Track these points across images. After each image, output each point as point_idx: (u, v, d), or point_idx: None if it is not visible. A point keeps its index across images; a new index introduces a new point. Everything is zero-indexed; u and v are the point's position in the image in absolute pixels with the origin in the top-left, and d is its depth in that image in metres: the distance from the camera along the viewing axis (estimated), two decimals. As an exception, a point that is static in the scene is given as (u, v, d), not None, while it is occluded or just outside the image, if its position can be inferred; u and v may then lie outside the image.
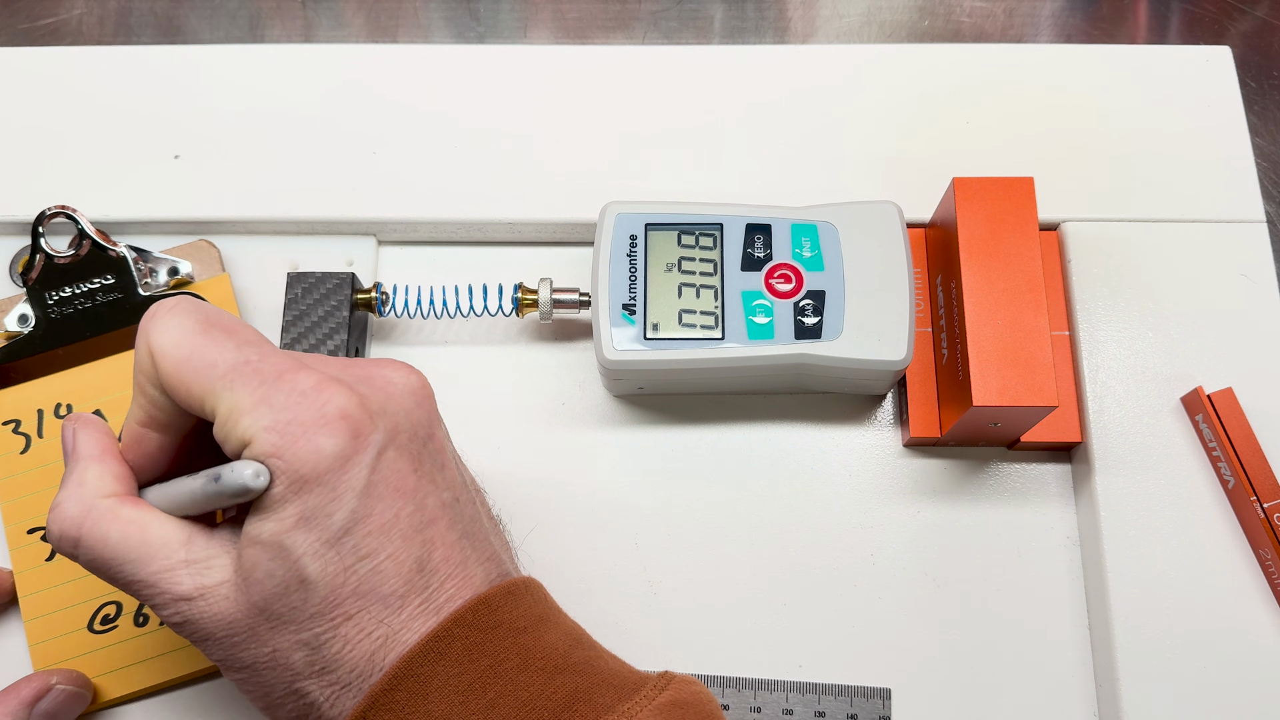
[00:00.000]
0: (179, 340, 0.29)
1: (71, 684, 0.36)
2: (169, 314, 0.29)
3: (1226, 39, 0.53)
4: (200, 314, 0.29)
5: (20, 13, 0.54)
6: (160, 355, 0.29)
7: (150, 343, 0.29)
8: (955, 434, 0.40)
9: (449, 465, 0.31)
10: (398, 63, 0.47)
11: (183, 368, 0.28)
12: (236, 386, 0.28)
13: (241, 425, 0.27)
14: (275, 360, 0.28)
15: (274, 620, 0.28)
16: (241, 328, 0.30)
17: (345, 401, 0.28)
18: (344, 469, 0.27)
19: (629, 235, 0.40)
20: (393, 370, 0.30)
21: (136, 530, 0.29)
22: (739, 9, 0.54)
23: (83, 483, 0.30)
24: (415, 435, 0.29)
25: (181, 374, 0.28)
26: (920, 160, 0.45)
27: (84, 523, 0.29)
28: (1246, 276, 0.43)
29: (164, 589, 0.29)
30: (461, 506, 0.30)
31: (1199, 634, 0.38)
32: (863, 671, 0.39)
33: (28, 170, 0.45)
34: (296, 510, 0.27)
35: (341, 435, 0.27)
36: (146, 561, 0.29)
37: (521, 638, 0.28)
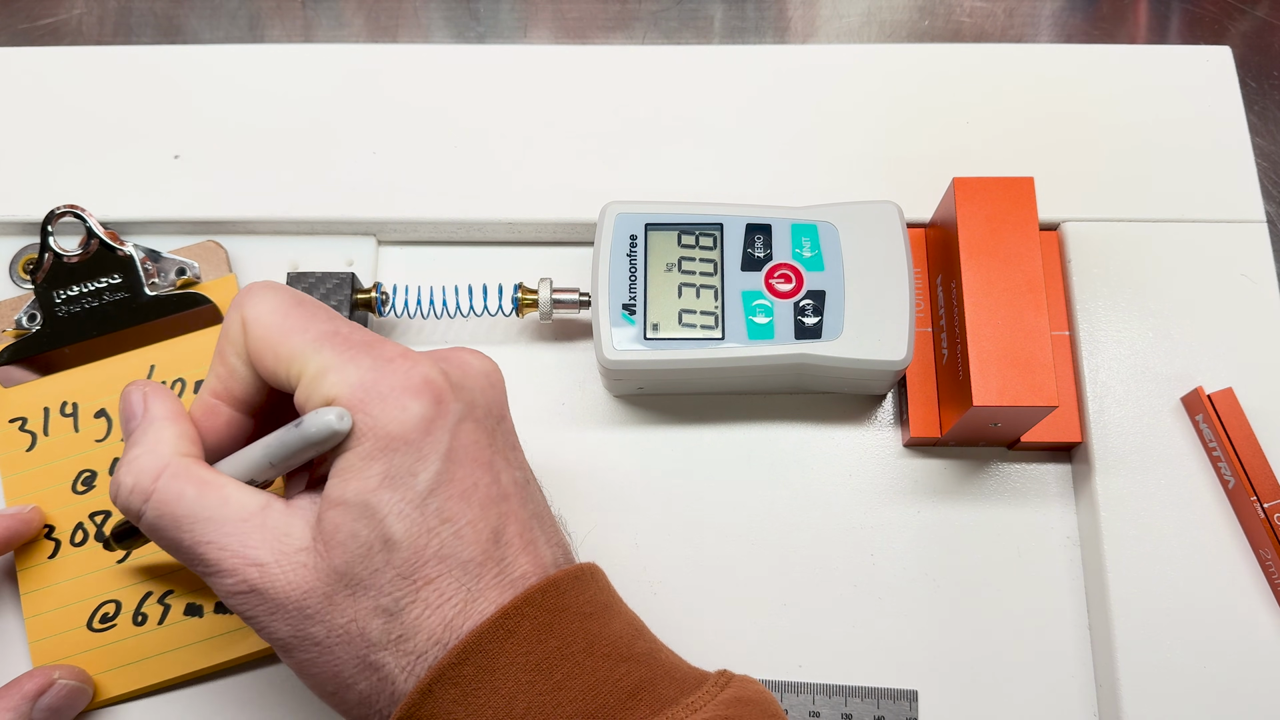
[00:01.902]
0: (273, 309, 0.29)
1: (73, 679, 0.37)
2: (264, 289, 0.30)
3: (1227, 39, 0.53)
4: (293, 291, 0.30)
5: (19, 13, 0.54)
6: (253, 322, 0.29)
7: (244, 311, 0.30)
8: (955, 434, 0.40)
9: (520, 449, 0.31)
10: (398, 63, 0.47)
11: (274, 333, 0.29)
12: (325, 349, 0.28)
13: (328, 382, 0.28)
14: (362, 333, 0.29)
15: (354, 585, 0.27)
16: (328, 308, 0.30)
17: (429, 370, 0.28)
18: (428, 431, 0.28)
19: (629, 235, 0.40)
20: (468, 354, 0.31)
21: (214, 490, 0.29)
22: (739, 9, 0.54)
23: (160, 440, 0.30)
24: (490, 413, 0.30)
25: (272, 339, 0.29)
26: (920, 160, 0.45)
27: (160, 476, 0.29)
28: (1247, 276, 0.43)
29: (237, 552, 0.28)
30: (532, 489, 0.31)
31: (1199, 634, 0.38)
32: (863, 671, 0.39)
33: (26, 170, 0.45)
34: (382, 469, 0.27)
35: (426, 400, 0.28)
36: (221, 522, 0.28)
37: (588, 623, 0.28)
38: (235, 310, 0.30)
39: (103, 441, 0.41)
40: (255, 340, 0.29)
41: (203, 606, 0.39)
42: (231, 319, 0.30)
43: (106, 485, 0.40)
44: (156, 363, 0.42)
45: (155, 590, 0.39)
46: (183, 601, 0.39)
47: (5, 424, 0.41)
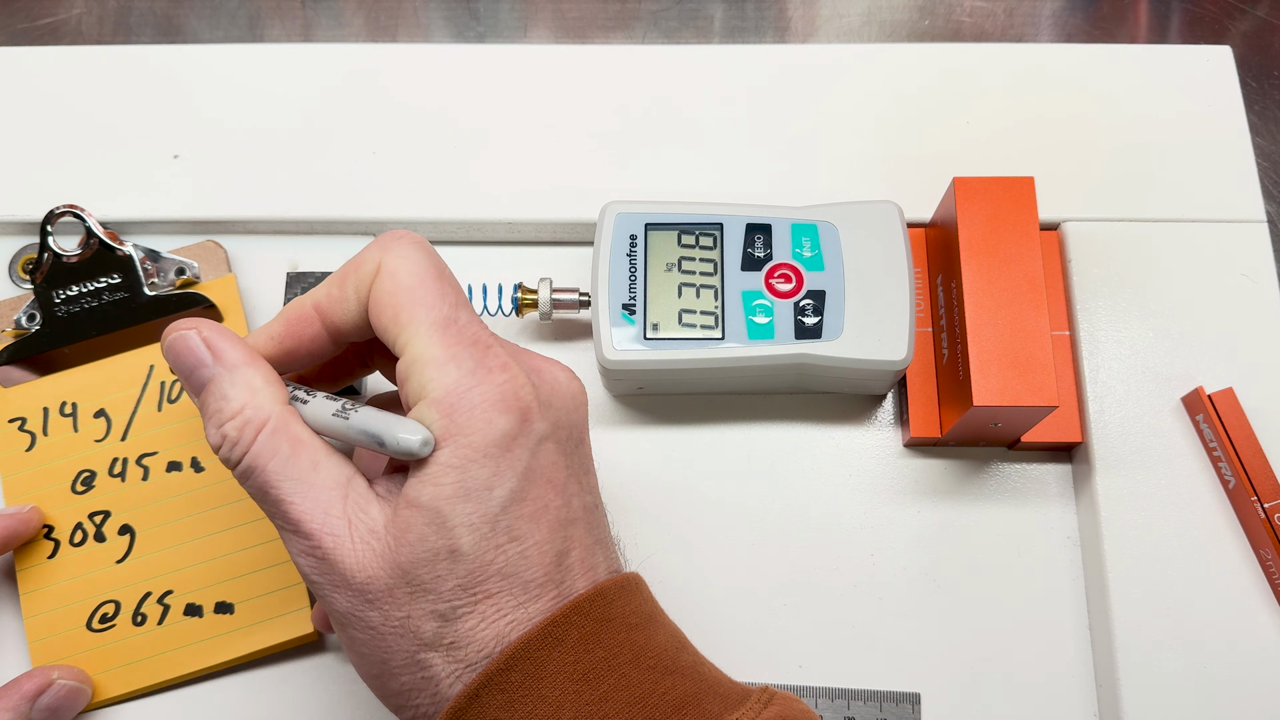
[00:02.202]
0: (414, 270, 0.29)
1: (72, 679, 0.36)
2: (411, 244, 0.30)
3: (1227, 39, 0.53)
4: (437, 260, 0.30)
5: (19, 12, 0.54)
6: (388, 274, 0.29)
7: (385, 258, 0.29)
8: (956, 434, 0.40)
9: (593, 472, 0.31)
10: (397, 62, 0.47)
11: (404, 295, 0.29)
12: (437, 335, 0.28)
13: (427, 374, 0.28)
14: (476, 330, 0.29)
15: (415, 585, 0.27)
16: (460, 289, 0.30)
17: (522, 385, 0.28)
18: (510, 448, 0.27)
19: (629, 235, 0.40)
20: (560, 370, 0.31)
21: (308, 452, 0.29)
22: (739, 8, 0.54)
23: (254, 389, 0.29)
24: (571, 435, 0.30)
25: (398, 300, 0.29)
26: (920, 160, 0.45)
27: (264, 427, 0.28)
28: (1247, 276, 0.43)
29: (317, 518, 0.28)
30: (599, 514, 0.30)
31: (1199, 634, 0.38)
32: (863, 672, 0.39)
33: (25, 170, 0.45)
34: (459, 478, 0.27)
35: (513, 415, 0.28)
36: (309, 485, 0.28)
37: (634, 634, 0.28)
38: (377, 250, 0.30)
39: (102, 441, 0.41)
40: (382, 293, 0.29)
41: (202, 607, 0.39)
42: (368, 257, 0.30)
43: (106, 485, 0.40)
44: (156, 362, 0.42)
45: (155, 590, 0.39)
46: (182, 601, 0.39)
47: (4, 424, 0.41)
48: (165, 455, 0.41)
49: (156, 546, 0.39)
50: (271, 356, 0.31)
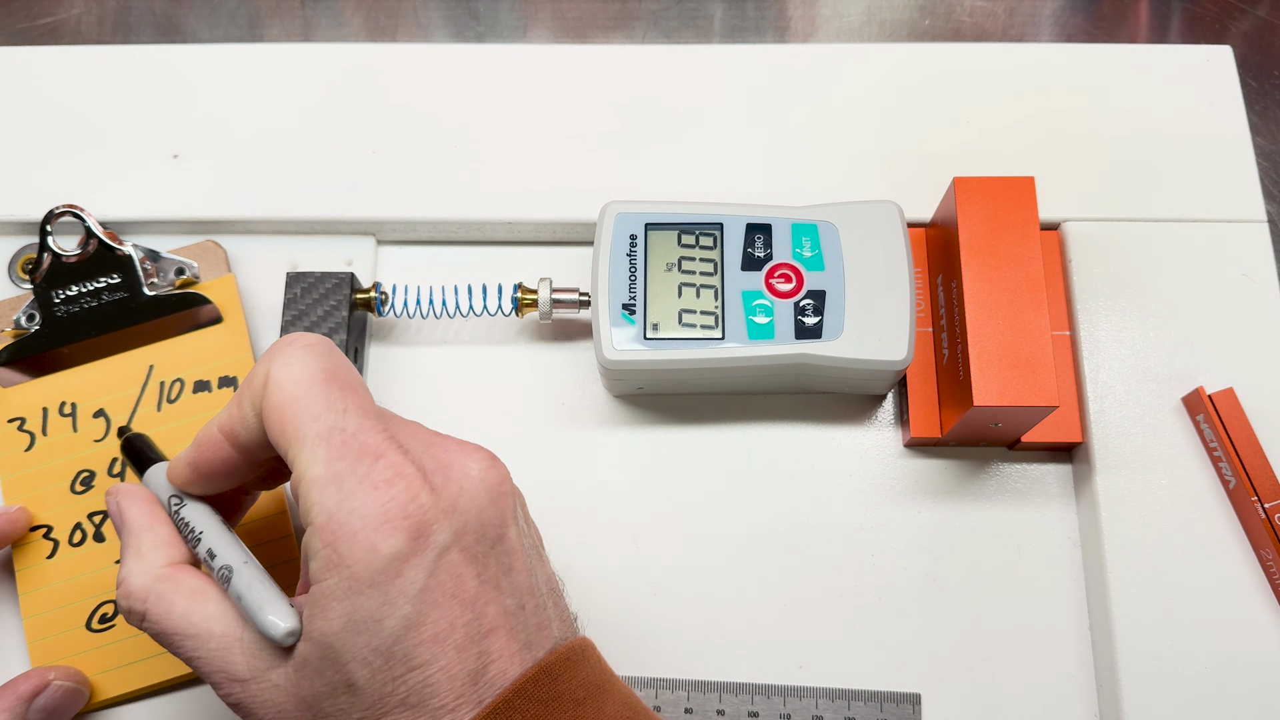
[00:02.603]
0: (298, 379, 0.28)
1: (69, 680, 0.36)
2: (300, 350, 0.29)
3: (1227, 38, 0.53)
4: (328, 362, 0.29)
5: (18, 12, 0.54)
6: (274, 385, 0.28)
7: (271, 369, 0.29)
8: (956, 434, 0.40)
9: (518, 568, 0.29)
10: (397, 62, 0.47)
11: (289, 407, 0.28)
12: (321, 451, 0.27)
13: (311, 496, 0.27)
14: (367, 437, 0.28)
15: (322, 718, 0.27)
16: (359, 390, 0.29)
17: (414, 497, 0.27)
18: (399, 572, 0.26)
19: (629, 235, 0.40)
20: (474, 461, 0.29)
21: (199, 605, 0.29)
22: (739, 8, 0.54)
23: (140, 553, 0.31)
24: (484, 536, 0.28)
25: (284, 411, 0.28)
26: (921, 160, 0.45)
27: (149, 595, 0.30)
28: (1247, 276, 0.43)
29: (220, 667, 0.28)
30: (527, 614, 0.28)
31: (1200, 634, 0.38)
32: (863, 673, 0.39)
33: (25, 169, 0.45)
34: (347, 611, 0.26)
35: (401, 535, 0.26)
36: (205, 638, 0.29)
37: (581, 710, 0.27)
38: (265, 361, 0.29)
39: (101, 441, 0.41)
40: (270, 405, 0.28)
41: (202, 607, 0.38)
42: (259, 369, 0.29)
43: (105, 485, 0.40)
44: (155, 363, 0.42)
45: (154, 591, 0.39)
46: (181, 602, 0.39)
47: (4, 424, 0.41)
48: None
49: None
50: (191, 482, 0.31)
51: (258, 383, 0.29)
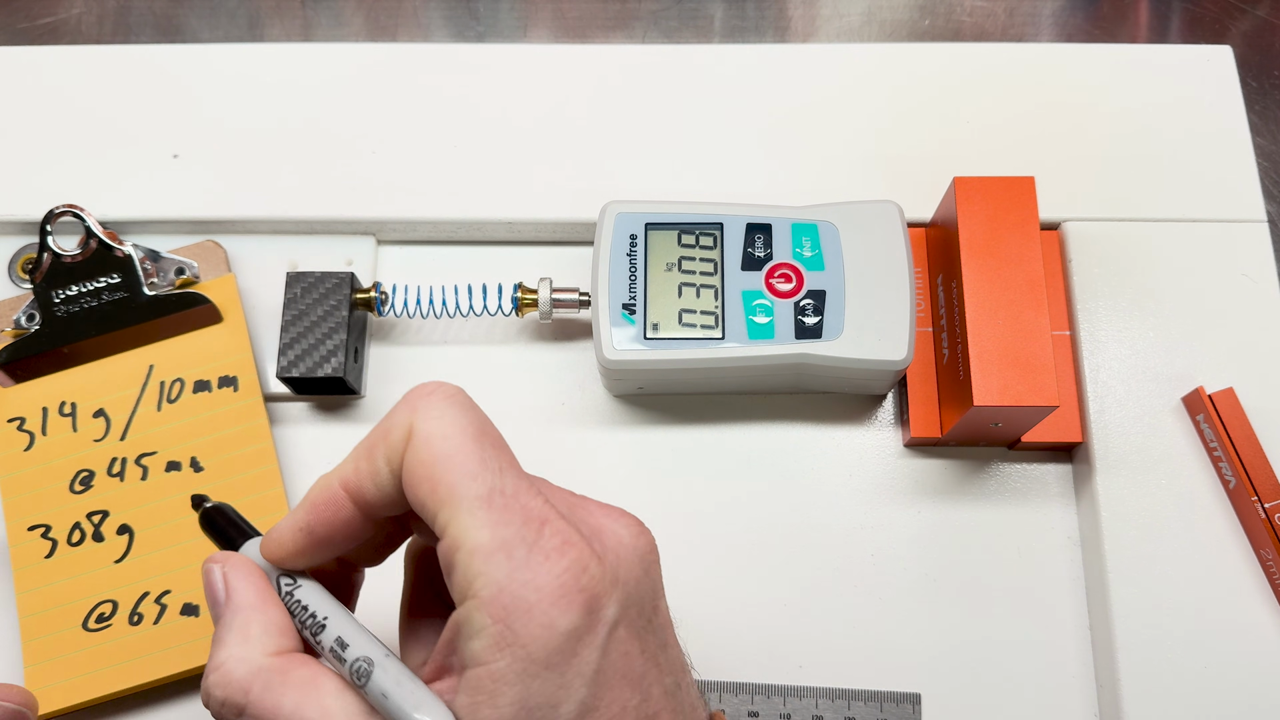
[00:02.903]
0: (449, 434, 0.25)
1: (12, 700, 0.35)
2: (446, 402, 0.26)
3: (1227, 38, 0.53)
4: (476, 415, 0.26)
5: (19, 12, 0.54)
6: (423, 440, 0.25)
7: (417, 424, 0.26)
8: (956, 434, 0.40)
9: (671, 642, 0.27)
10: (397, 62, 0.47)
11: (443, 465, 0.25)
12: (482, 515, 0.24)
13: (474, 566, 0.24)
14: (527, 499, 0.25)
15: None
16: (506, 446, 0.26)
17: (587, 566, 0.24)
18: (575, 651, 0.24)
19: (629, 235, 0.40)
20: (623, 526, 0.27)
21: (313, 699, 0.25)
22: (739, 8, 0.54)
23: (247, 638, 0.27)
24: (643, 609, 0.26)
25: (437, 469, 0.25)
26: (921, 159, 0.45)
27: (252, 687, 0.26)
28: (1247, 276, 0.43)
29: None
30: (683, 693, 0.27)
31: (1200, 634, 0.38)
32: (864, 672, 0.39)
33: (25, 169, 0.45)
34: (519, 697, 0.23)
35: (578, 611, 0.24)
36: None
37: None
38: (407, 412, 0.26)
39: (101, 441, 0.41)
40: (416, 464, 0.25)
41: (199, 606, 0.38)
42: (398, 421, 0.26)
43: (104, 485, 0.40)
44: (155, 363, 0.42)
45: (153, 590, 0.39)
46: (180, 601, 0.39)
47: (3, 423, 0.41)
48: (164, 455, 0.40)
49: (155, 546, 0.39)
50: (302, 550, 0.28)
51: (396, 436, 0.26)
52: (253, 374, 0.41)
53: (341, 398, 0.43)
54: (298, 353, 0.40)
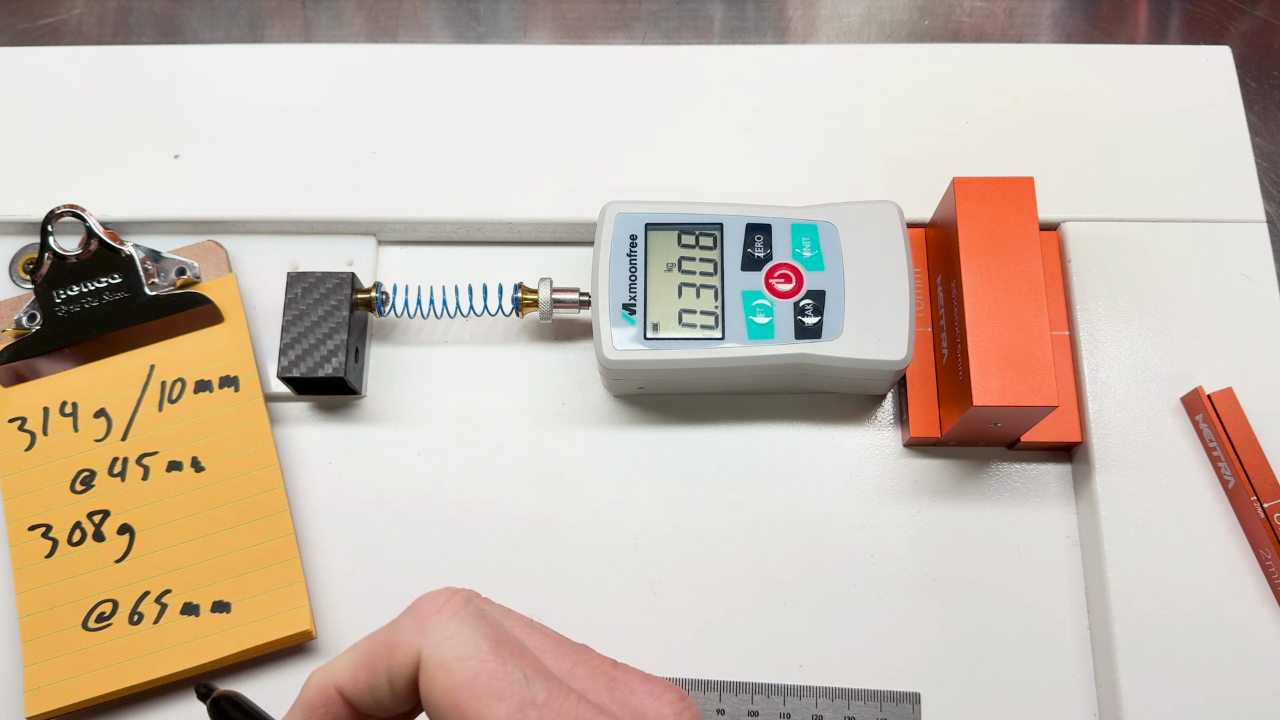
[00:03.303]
0: (466, 655, 0.24)
1: None
2: (454, 620, 0.25)
3: (1227, 39, 0.53)
4: (487, 625, 0.25)
5: (19, 12, 0.54)
6: (440, 669, 0.24)
7: (427, 649, 0.24)
8: (955, 434, 0.40)
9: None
10: (398, 63, 0.47)
11: (466, 691, 0.23)
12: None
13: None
14: (561, 703, 0.24)
15: None
16: (526, 653, 0.25)
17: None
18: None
19: (629, 235, 0.40)
20: (667, 704, 0.25)
21: None
22: (739, 9, 0.54)
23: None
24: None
25: (459, 695, 0.23)
26: (920, 160, 0.45)
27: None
28: (1247, 276, 0.43)
29: None
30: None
31: (1199, 634, 0.38)
32: (864, 672, 0.39)
33: (26, 170, 0.45)
34: None
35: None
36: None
37: None
38: (414, 633, 0.24)
39: (102, 441, 0.41)
40: (440, 693, 0.24)
41: (199, 606, 0.39)
42: (405, 641, 0.24)
43: (105, 485, 0.40)
44: (156, 363, 0.42)
45: (153, 590, 0.39)
46: (180, 600, 0.39)
47: (4, 423, 0.41)
48: (165, 455, 0.41)
49: (156, 546, 0.39)
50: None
51: (402, 657, 0.24)
52: (254, 374, 0.42)
53: (342, 398, 0.43)
54: (298, 353, 0.41)
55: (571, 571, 0.40)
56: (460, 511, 0.41)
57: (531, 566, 0.41)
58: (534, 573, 0.41)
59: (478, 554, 0.41)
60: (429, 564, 0.41)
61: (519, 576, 0.40)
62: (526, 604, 0.40)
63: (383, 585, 0.41)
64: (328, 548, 0.41)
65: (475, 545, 0.41)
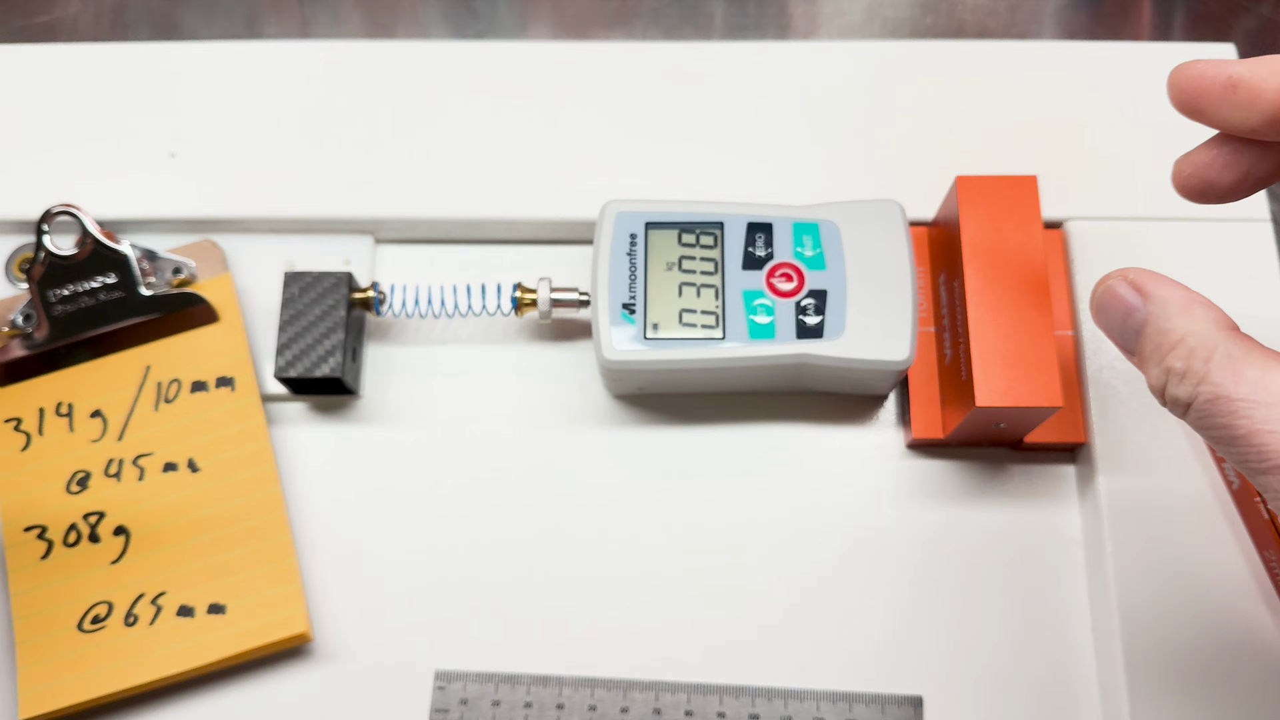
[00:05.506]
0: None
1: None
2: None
3: (1231, 37, 0.52)
4: None
5: (15, 9, 0.54)
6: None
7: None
8: (958, 435, 0.40)
9: None
10: (395, 59, 0.47)
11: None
12: None
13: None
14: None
15: None
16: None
17: None
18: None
19: (629, 234, 0.40)
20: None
21: (1277, 376, 0.25)
22: (740, 5, 0.54)
23: (1196, 319, 0.26)
24: None
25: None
26: (923, 158, 0.45)
27: (1213, 357, 0.25)
28: (1251, 275, 0.42)
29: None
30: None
31: (1203, 636, 0.37)
32: (866, 675, 0.39)
33: (21, 168, 0.45)
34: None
35: None
36: (1278, 414, 0.24)
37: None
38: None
39: (98, 441, 0.40)
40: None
41: (194, 608, 0.38)
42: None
43: (101, 486, 0.40)
44: (152, 363, 0.41)
45: (149, 591, 0.39)
46: (176, 602, 0.38)
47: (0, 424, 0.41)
48: (161, 456, 0.40)
49: (152, 547, 0.39)
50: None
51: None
52: (250, 374, 0.41)
53: (339, 398, 0.43)
54: (295, 353, 0.40)
55: (571, 573, 0.40)
56: (458, 512, 0.41)
57: (531, 567, 0.40)
58: (533, 573, 0.40)
59: (477, 554, 0.40)
60: (427, 565, 0.40)
61: (518, 576, 0.40)
62: (526, 604, 0.40)
63: (380, 587, 0.40)
64: (324, 549, 0.41)
65: (474, 546, 0.41)
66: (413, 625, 0.40)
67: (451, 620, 0.40)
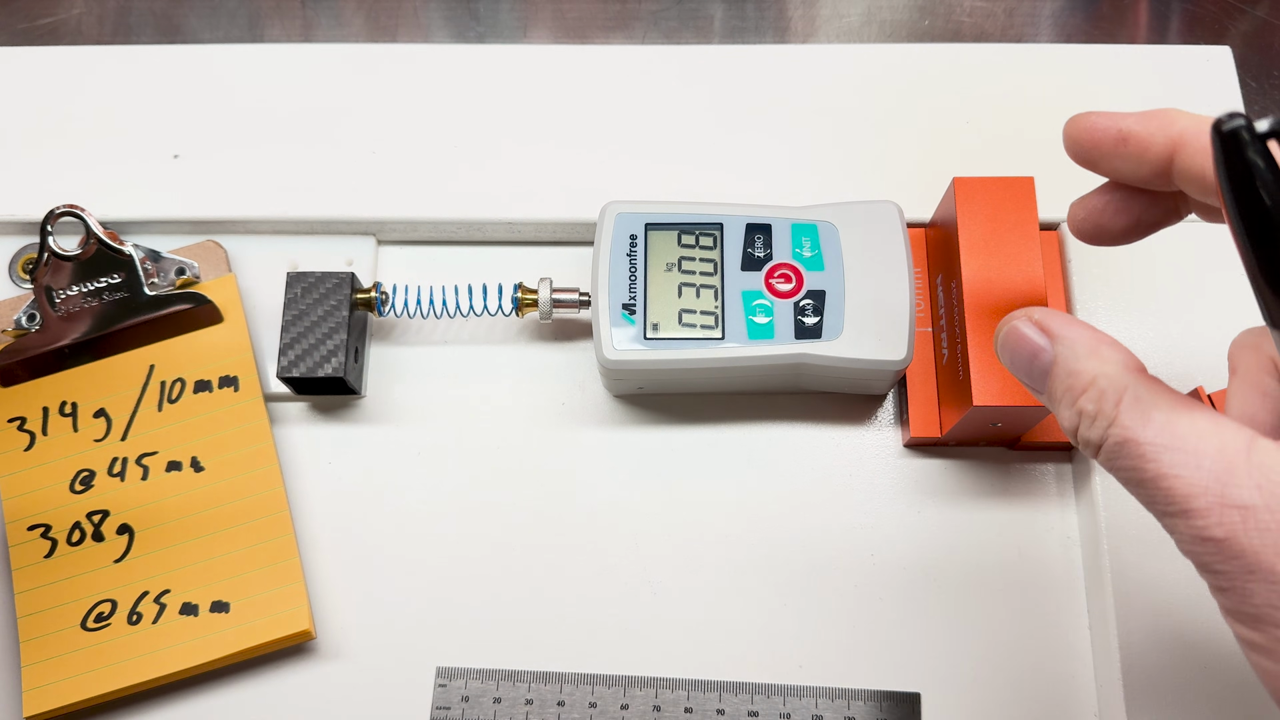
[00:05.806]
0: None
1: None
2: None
3: (1227, 39, 0.53)
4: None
5: (18, 12, 0.54)
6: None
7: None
8: (956, 434, 0.40)
9: None
10: (397, 62, 0.47)
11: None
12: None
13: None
14: None
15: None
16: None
17: None
18: None
19: (629, 235, 0.40)
20: None
21: (1184, 417, 0.24)
22: (739, 8, 0.54)
23: (1105, 360, 0.26)
24: None
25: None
26: (920, 160, 0.45)
27: (1122, 400, 0.25)
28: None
29: (1210, 488, 0.23)
30: None
31: (1200, 634, 0.38)
32: (864, 673, 0.39)
33: (25, 170, 0.45)
34: None
35: None
36: (1193, 453, 0.23)
37: None
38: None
39: (101, 441, 0.41)
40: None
41: (198, 605, 0.38)
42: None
43: (105, 485, 0.40)
44: (156, 363, 0.42)
45: (152, 590, 0.39)
46: (179, 600, 0.39)
47: (4, 423, 0.41)
48: (165, 455, 0.41)
49: (155, 546, 0.39)
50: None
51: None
52: (253, 374, 0.42)
53: (342, 398, 0.43)
54: (298, 353, 0.40)
55: (571, 571, 0.40)
56: (460, 511, 0.41)
57: (531, 566, 0.41)
58: (534, 572, 0.40)
59: (477, 554, 0.41)
60: (428, 564, 0.41)
61: (519, 576, 0.40)
62: (526, 604, 0.40)
63: (382, 585, 0.41)
64: (327, 548, 0.41)
65: (475, 545, 0.41)
66: (415, 623, 0.40)
67: (453, 618, 0.40)
